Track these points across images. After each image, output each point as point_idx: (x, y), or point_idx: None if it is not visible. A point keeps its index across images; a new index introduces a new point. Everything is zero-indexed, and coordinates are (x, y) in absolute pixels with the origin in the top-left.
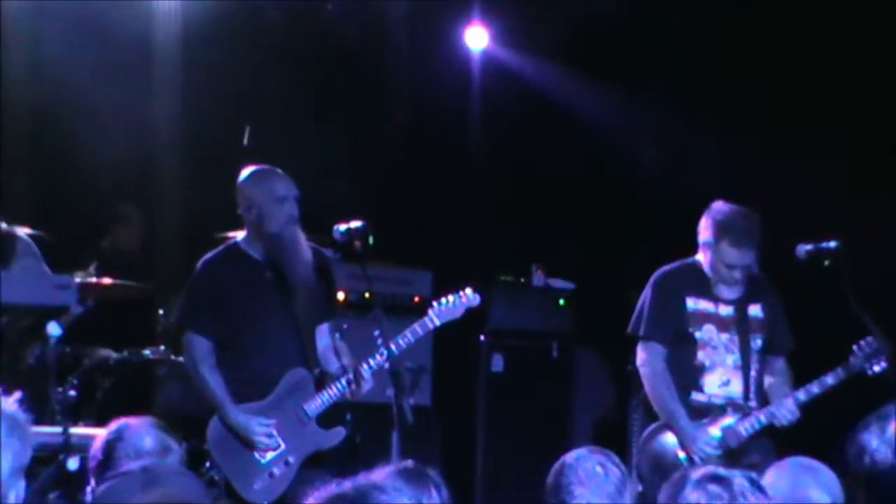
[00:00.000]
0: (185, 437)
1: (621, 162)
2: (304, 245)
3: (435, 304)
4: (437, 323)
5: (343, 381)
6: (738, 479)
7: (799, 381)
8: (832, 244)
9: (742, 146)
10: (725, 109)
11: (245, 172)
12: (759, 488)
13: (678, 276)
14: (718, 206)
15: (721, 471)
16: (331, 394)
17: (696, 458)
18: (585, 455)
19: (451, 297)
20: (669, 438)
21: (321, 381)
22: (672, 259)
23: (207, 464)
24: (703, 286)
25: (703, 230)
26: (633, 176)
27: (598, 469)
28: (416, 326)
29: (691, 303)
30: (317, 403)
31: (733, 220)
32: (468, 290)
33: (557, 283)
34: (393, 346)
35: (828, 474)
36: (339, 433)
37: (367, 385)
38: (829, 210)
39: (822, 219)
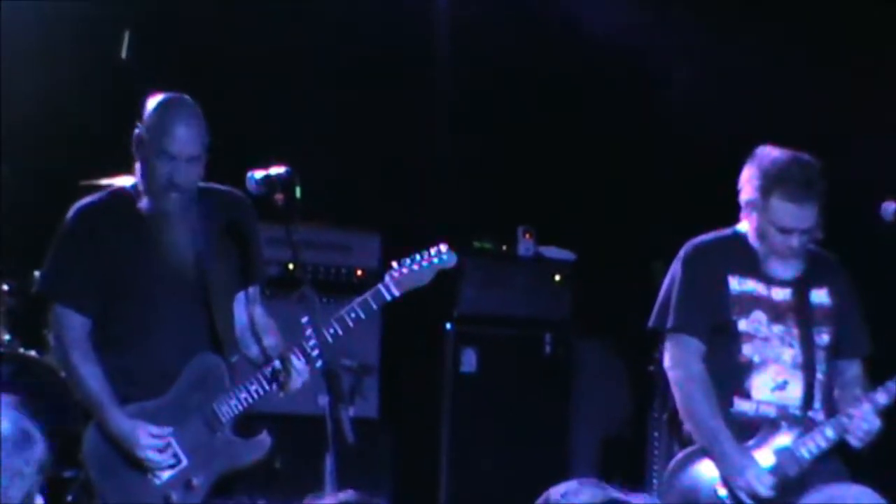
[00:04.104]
0: None
1: (641, 89)
2: (181, 224)
3: (395, 265)
4: (396, 293)
5: (267, 371)
6: None
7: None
8: None
9: (809, 66)
10: (787, 14)
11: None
12: None
13: (716, 250)
14: (765, 151)
15: None
16: (251, 390)
17: (743, 497)
18: (576, 488)
19: (416, 257)
20: (707, 469)
21: (239, 372)
22: (710, 222)
23: (70, 496)
24: (748, 262)
25: (746, 185)
26: (657, 108)
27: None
28: (368, 297)
29: (735, 283)
30: (232, 403)
31: (786, 167)
32: (443, 247)
33: (552, 252)
34: (333, 329)
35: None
36: (262, 444)
37: (299, 377)
38: None
39: None
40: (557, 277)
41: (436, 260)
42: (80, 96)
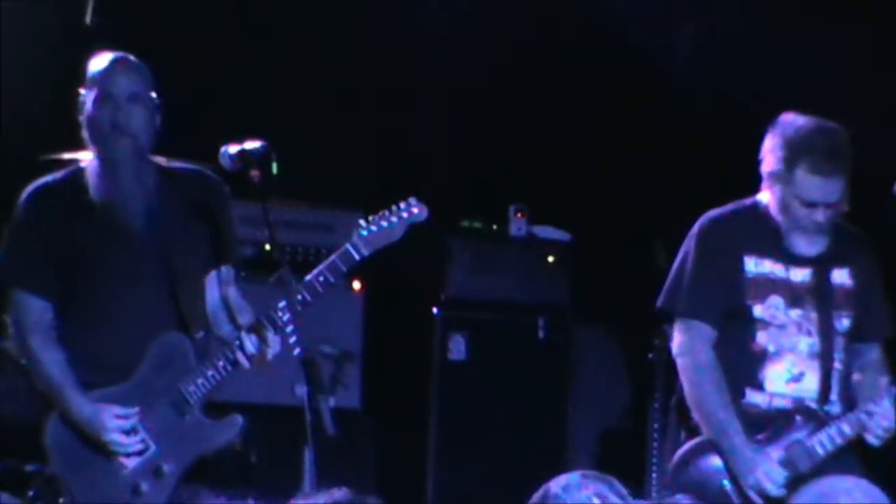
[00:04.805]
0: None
1: (644, 56)
2: (135, 169)
3: (363, 223)
4: (366, 253)
5: (236, 345)
6: None
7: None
8: None
9: (823, 32)
10: None
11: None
12: None
13: (733, 226)
14: (789, 119)
15: None
16: (219, 367)
17: (751, 494)
18: (578, 482)
19: (385, 213)
20: (714, 462)
21: (205, 349)
22: (715, 198)
23: (31, 492)
24: (768, 239)
25: (769, 155)
26: (660, 77)
27: (595, 501)
28: (336, 259)
29: (752, 264)
30: (199, 382)
31: (811, 136)
32: (412, 200)
33: (546, 231)
34: (301, 296)
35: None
36: (233, 424)
37: (272, 350)
38: None
39: None
40: (551, 259)
41: (405, 214)
42: (38, 71)
